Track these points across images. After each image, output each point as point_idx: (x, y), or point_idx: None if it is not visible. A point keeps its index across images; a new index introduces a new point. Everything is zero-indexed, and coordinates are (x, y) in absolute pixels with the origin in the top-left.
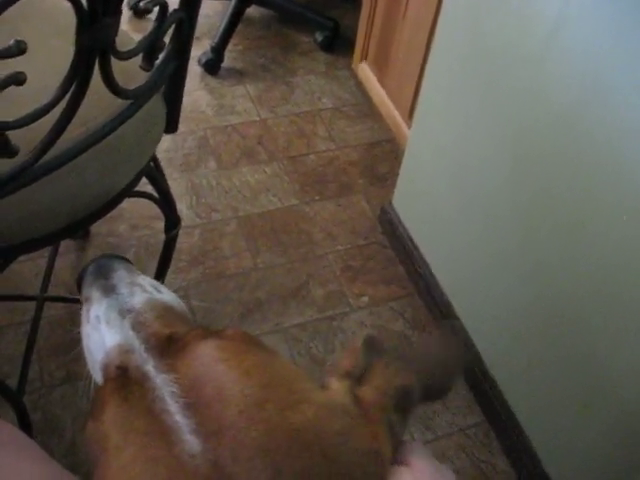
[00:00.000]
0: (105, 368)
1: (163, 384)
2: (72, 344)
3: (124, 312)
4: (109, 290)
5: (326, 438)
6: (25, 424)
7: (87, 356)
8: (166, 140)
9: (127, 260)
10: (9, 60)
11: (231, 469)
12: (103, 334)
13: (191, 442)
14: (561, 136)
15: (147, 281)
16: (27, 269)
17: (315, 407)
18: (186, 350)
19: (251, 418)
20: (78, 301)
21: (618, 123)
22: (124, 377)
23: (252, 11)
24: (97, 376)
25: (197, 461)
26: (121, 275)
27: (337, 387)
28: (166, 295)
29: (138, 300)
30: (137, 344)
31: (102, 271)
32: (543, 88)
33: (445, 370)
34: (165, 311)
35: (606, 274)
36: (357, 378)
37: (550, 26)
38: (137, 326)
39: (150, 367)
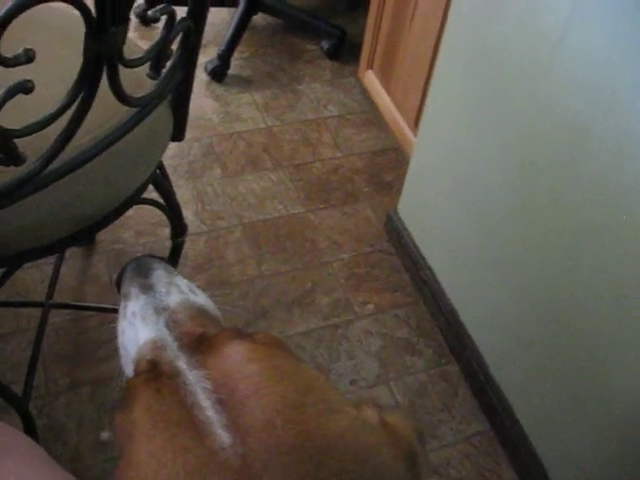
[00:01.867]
0: (137, 362)
1: (195, 379)
2: (77, 351)
3: (160, 310)
4: (147, 288)
5: (358, 450)
6: (30, 430)
7: (121, 352)
8: (172, 147)
9: (165, 261)
10: (17, 68)
11: (261, 465)
12: (138, 330)
13: (222, 436)
14: (567, 144)
15: (184, 283)
16: (33, 276)
17: (349, 419)
18: (218, 349)
19: (288, 419)
20: (83, 308)
21: (625, 131)
22: (156, 371)
23: (258, 19)
24: (129, 371)
25: (227, 454)
26: (160, 274)
27: (367, 410)
28: (201, 298)
29: (174, 299)
30: (170, 341)
31: (142, 269)
32: (549, 96)
33: None
34: (199, 312)
35: (612, 281)
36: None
37: (557, 34)
38: (171, 324)
39: (182, 363)
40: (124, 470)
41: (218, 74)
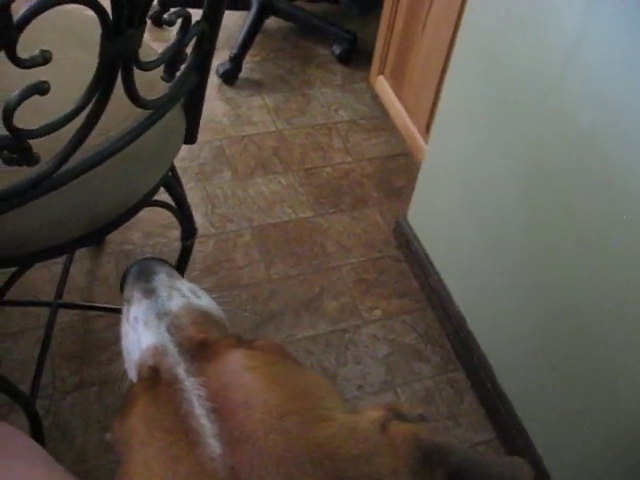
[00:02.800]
0: (139, 367)
1: (192, 387)
2: (85, 351)
3: (161, 315)
4: (149, 292)
5: (343, 458)
6: (37, 429)
7: (124, 355)
8: (182, 149)
9: (169, 264)
10: (31, 70)
11: (247, 476)
12: (140, 334)
13: (212, 446)
14: (577, 154)
15: (186, 286)
16: (42, 275)
17: (337, 426)
18: (217, 356)
19: (270, 428)
20: (92, 308)
21: (635, 142)
22: (156, 377)
23: (271, 23)
24: (132, 374)
25: (216, 464)
26: (162, 278)
27: (370, 414)
28: (204, 301)
29: (175, 304)
30: (171, 346)
31: (144, 273)
32: (560, 106)
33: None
34: (201, 316)
35: (623, 290)
36: (396, 416)
37: (569, 45)
38: (172, 329)
39: (181, 370)
40: (123, 476)
41: (230, 77)
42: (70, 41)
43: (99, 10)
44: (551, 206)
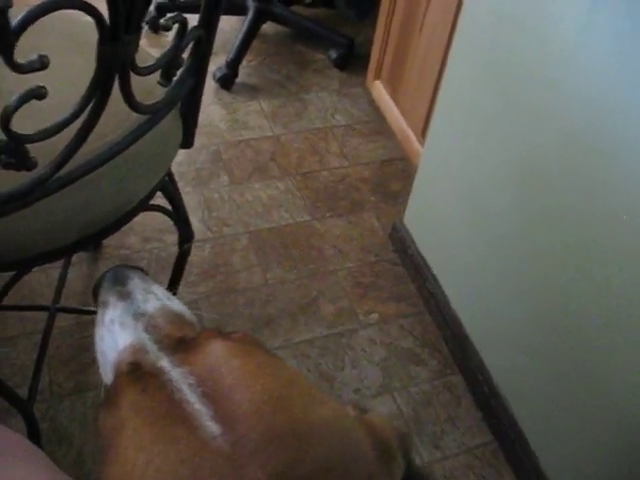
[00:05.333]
0: (117, 366)
1: (180, 376)
2: (82, 355)
3: (138, 315)
4: (125, 295)
5: (339, 437)
6: (34, 433)
7: (99, 358)
8: (179, 154)
9: (143, 270)
10: (28, 75)
11: (251, 451)
12: (116, 336)
13: (211, 427)
14: (573, 158)
15: (160, 290)
16: (39, 280)
17: (332, 409)
18: (199, 347)
19: (276, 407)
20: (89, 312)
21: (633, 147)
22: (138, 371)
23: (267, 28)
24: (107, 377)
25: (218, 442)
26: (136, 283)
27: (348, 407)
28: (177, 304)
29: (152, 305)
30: (150, 344)
31: (119, 278)
32: (558, 109)
33: None
34: (176, 318)
35: (619, 293)
36: (361, 411)
37: (566, 49)
38: (150, 328)
39: (164, 363)
40: (113, 463)
41: (226, 82)
42: (68, 46)
43: (96, 16)
44: (548, 209)
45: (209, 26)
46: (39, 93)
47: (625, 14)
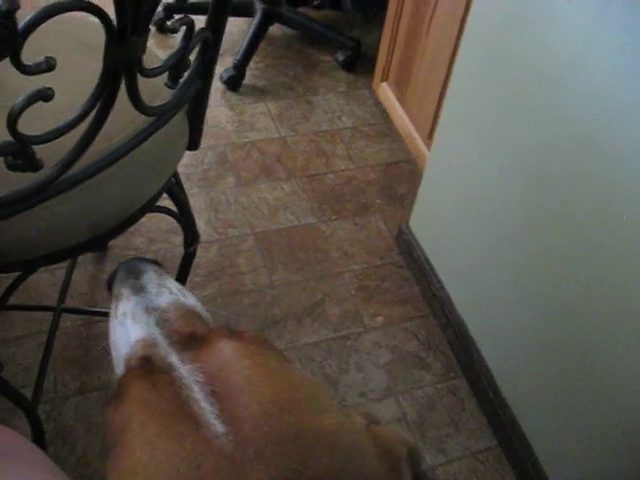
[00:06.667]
0: (128, 359)
1: (188, 373)
2: (87, 356)
3: (150, 310)
4: (138, 289)
5: (345, 447)
6: (38, 434)
7: (112, 351)
8: (185, 155)
9: (158, 264)
10: (35, 76)
11: (254, 452)
12: (128, 329)
13: (216, 425)
14: (580, 160)
15: (174, 285)
16: (45, 280)
17: (339, 417)
18: (209, 345)
19: (283, 410)
20: (94, 313)
21: (638, 145)
22: (148, 366)
23: (274, 30)
24: (119, 369)
25: (221, 441)
26: (151, 276)
27: (355, 416)
28: (190, 300)
29: (164, 300)
30: (161, 339)
31: (133, 271)
32: (566, 111)
33: None
34: (189, 312)
35: (626, 297)
36: (372, 421)
37: (575, 50)
38: (161, 323)
39: (174, 359)
40: (118, 457)
41: (233, 83)
42: (74, 48)
43: (103, 17)
44: (555, 212)
45: (216, 28)
46: (45, 94)
47: (633, 14)
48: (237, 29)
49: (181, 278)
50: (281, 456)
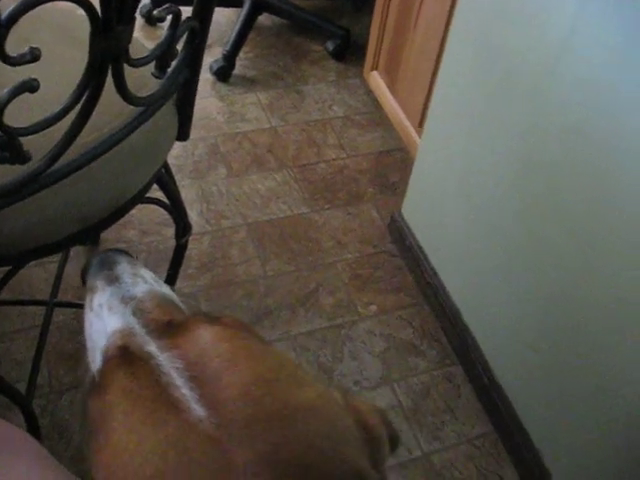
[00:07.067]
0: (106, 350)
1: (167, 361)
2: (81, 349)
3: (126, 299)
4: (113, 280)
5: (326, 419)
6: (33, 429)
7: (88, 343)
8: (176, 147)
9: (129, 254)
10: (21, 67)
11: (238, 433)
12: (105, 320)
13: (197, 410)
14: (569, 145)
15: (148, 274)
16: (37, 274)
17: (315, 392)
18: (187, 331)
19: (263, 390)
20: None
21: (629, 133)
22: (127, 355)
23: (264, 19)
24: (96, 362)
25: (204, 425)
26: (124, 267)
27: (333, 390)
28: (165, 288)
29: (140, 289)
30: (138, 328)
31: (106, 263)
32: (552, 97)
33: None
34: (165, 301)
35: (617, 281)
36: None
37: (562, 36)
38: (138, 312)
39: (152, 347)
40: (103, 446)
41: (223, 74)
42: (60, 38)
43: (88, 7)
44: (546, 199)
45: (203, 17)
46: (31, 86)
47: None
48: (225, 19)
49: (174, 270)
50: (263, 434)
